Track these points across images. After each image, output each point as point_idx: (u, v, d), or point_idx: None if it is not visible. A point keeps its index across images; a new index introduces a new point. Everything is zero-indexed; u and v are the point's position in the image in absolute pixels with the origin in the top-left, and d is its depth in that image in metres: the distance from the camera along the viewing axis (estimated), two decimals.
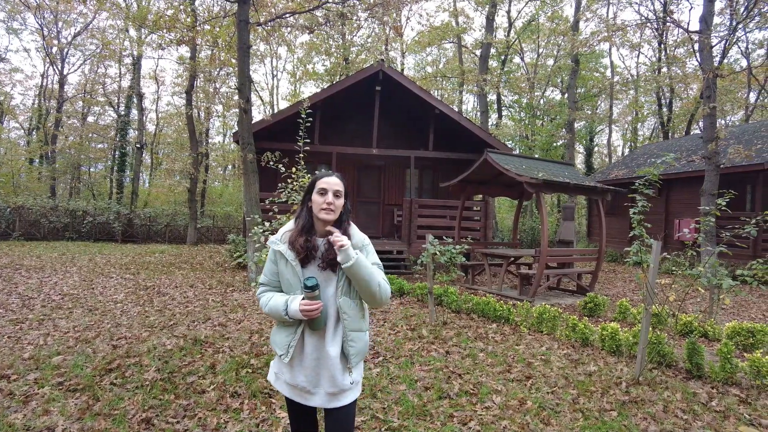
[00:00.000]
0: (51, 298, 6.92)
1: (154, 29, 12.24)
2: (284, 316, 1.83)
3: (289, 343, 1.88)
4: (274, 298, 1.90)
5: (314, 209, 1.90)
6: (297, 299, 1.81)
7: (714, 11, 12.03)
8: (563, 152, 23.17)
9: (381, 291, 1.87)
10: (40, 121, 26.13)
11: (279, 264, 1.93)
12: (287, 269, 1.89)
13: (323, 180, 1.92)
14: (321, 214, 1.88)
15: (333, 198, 1.88)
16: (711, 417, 3.41)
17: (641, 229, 4.37)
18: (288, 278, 1.90)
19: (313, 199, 1.91)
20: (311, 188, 1.94)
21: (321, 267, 1.88)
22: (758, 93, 23.77)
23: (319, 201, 1.88)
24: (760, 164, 12.14)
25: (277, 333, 1.95)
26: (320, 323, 1.83)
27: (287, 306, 1.82)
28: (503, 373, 4.24)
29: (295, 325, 1.88)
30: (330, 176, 1.94)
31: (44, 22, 24.21)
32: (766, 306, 8.45)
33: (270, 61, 31.20)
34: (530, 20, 26.50)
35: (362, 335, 1.95)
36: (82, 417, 3.11)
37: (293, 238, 1.89)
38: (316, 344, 1.87)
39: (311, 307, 1.76)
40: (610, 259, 16.12)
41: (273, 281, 1.97)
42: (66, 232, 17.86)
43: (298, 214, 1.98)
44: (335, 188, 1.90)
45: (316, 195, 1.90)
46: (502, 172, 8.33)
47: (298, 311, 1.78)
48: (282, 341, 1.90)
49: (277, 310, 1.85)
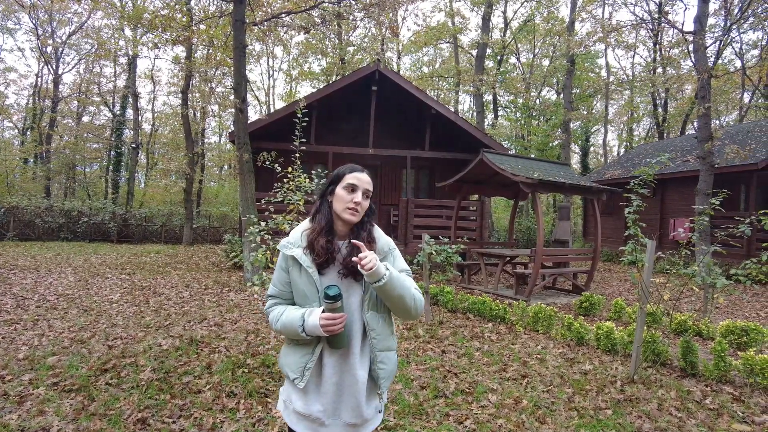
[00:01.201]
0: (46, 298, 6.89)
1: (150, 29, 12.18)
2: (301, 333, 1.54)
3: (305, 364, 1.59)
4: (287, 311, 1.61)
5: (336, 206, 1.63)
6: (316, 312, 1.52)
7: (708, 12, 12.11)
8: (559, 152, 23.24)
9: (416, 305, 1.61)
10: (35, 120, 26.00)
11: (292, 272, 1.64)
12: (302, 277, 1.61)
13: (354, 175, 1.64)
14: (345, 214, 1.61)
15: (362, 198, 1.62)
16: (705, 415, 3.43)
17: (636, 229, 4.40)
18: (302, 288, 1.61)
19: (337, 194, 1.63)
20: (336, 181, 1.66)
21: (342, 274, 1.60)
22: (752, 93, 23.93)
23: (346, 198, 1.60)
24: (753, 164, 12.21)
25: (290, 353, 1.65)
26: (343, 341, 1.56)
27: (304, 320, 1.53)
28: (499, 372, 4.26)
29: (313, 344, 1.60)
30: (362, 172, 1.66)
31: (39, 22, 24.12)
32: (760, 305, 8.51)
33: (266, 60, 31.19)
34: (526, 21, 26.58)
35: (392, 355, 1.69)
36: (78, 417, 3.10)
37: (313, 238, 1.61)
38: (337, 366, 1.59)
39: (334, 321, 1.49)
40: (606, 259, 16.19)
41: (284, 292, 1.68)
42: (61, 233, 17.77)
43: (316, 210, 1.69)
44: (366, 187, 1.64)
45: (341, 190, 1.62)
46: (498, 172, 8.35)
47: (317, 326, 1.49)
48: (296, 363, 1.61)
49: (293, 325, 1.55)
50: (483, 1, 20.50)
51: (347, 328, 1.57)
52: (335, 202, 1.63)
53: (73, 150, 25.72)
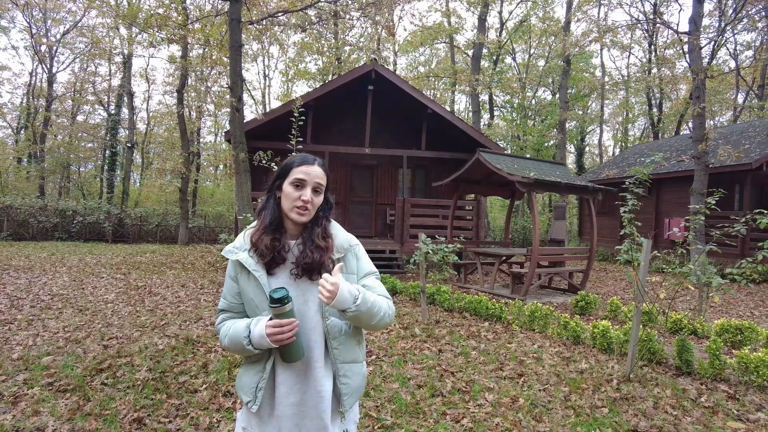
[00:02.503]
0: (40, 298, 6.84)
1: (145, 27, 12.13)
2: (247, 346, 1.32)
3: (257, 384, 1.38)
4: (234, 325, 1.39)
5: (284, 204, 1.42)
6: (263, 320, 1.31)
7: (703, 13, 12.17)
8: (555, 152, 23.32)
9: (385, 319, 1.42)
10: (29, 119, 25.83)
11: (240, 280, 1.43)
12: (249, 284, 1.40)
13: (302, 168, 1.41)
14: (293, 213, 1.40)
15: (312, 195, 1.40)
16: (700, 413, 3.45)
17: (632, 228, 4.42)
18: (251, 297, 1.39)
19: (284, 190, 1.42)
20: (283, 175, 1.44)
21: (295, 275, 1.40)
22: (746, 94, 24.09)
23: (293, 195, 1.39)
24: (747, 164, 12.29)
25: (244, 374, 1.44)
26: (297, 352, 1.33)
27: (250, 330, 1.32)
28: (495, 370, 4.26)
29: (264, 359, 1.39)
30: (312, 164, 1.43)
31: (33, 20, 23.97)
32: (754, 304, 8.56)
33: (262, 60, 31.13)
34: (522, 21, 26.64)
35: (358, 367, 1.48)
36: (73, 417, 3.08)
37: (257, 237, 1.41)
38: (296, 383, 1.38)
39: (282, 329, 1.26)
40: (601, 258, 16.25)
41: (235, 305, 1.45)
42: (55, 232, 17.67)
43: (263, 207, 1.49)
44: (316, 181, 1.42)
45: (288, 186, 1.41)
46: (494, 171, 8.37)
47: (264, 336, 1.28)
48: (248, 384, 1.40)
49: (238, 338, 1.34)
50: (479, 1, 20.53)
51: (302, 336, 1.35)
52: (283, 199, 1.43)
53: (67, 149, 25.58)
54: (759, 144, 13.36)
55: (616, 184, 15.93)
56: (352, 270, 1.48)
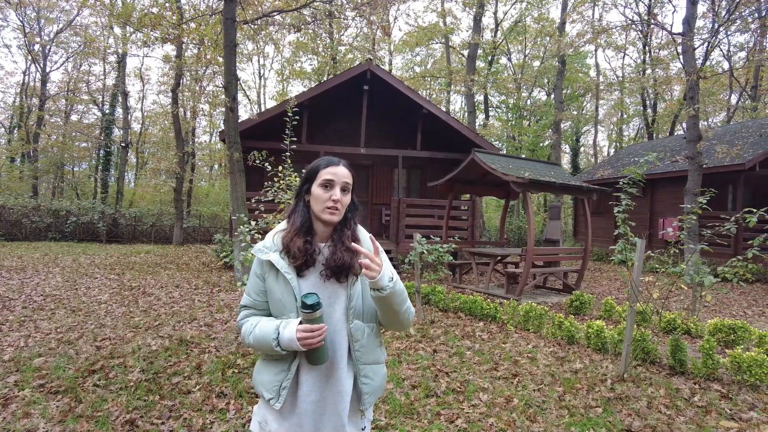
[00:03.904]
0: (32, 299, 6.79)
1: (139, 27, 12.07)
2: (275, 348, 1.37)
3: (281, 383, 1.42)
4: (260, 323, 1.43)
5: (314, 207, 1.47)
6: (293, 323, 1.36)
7: (697, 14, 12.24)
8: (550, 152, 23.39)
9: (410, 318, 1.50)
10: (22, 119, 25.64)
11: (267, 279, 1.47)
12: (278, 284, 1.44)
13: (329, 170, 1.47)
14: (325, 215, 1.45)
15: (340, 194, 1.46)
16: (693, 412, 3.46)
17: (626, 228, 4.43)
18: (279, 297, 1.44)
19: (313, 192, 1.47)
20: (311, 178, 1.50)
21: (324, 276, 1.45)
22: (739, 95, 24.22)
23: (323, 197, 1.45)
24: (740, 164, 12.36)
25: (264, 370, 1.48)
26: (323, 356, 1.37)
27: (279, 333, 1.36)
28: (490, 371, 4.27)
29: (289, 359, 1.43)
30: (337, 165, 1.49)
31: (26, 19, 23.80)
32: (747, 303, 8.62)
33: (257, 59, 31.06)
34: (517, 21, 26.70)
35: (379, 368, 1.54)
36: (64, 419, 3.06)
37: (288, 239, 1.46)
38: (318, 383, 1.43)
39: (312, 333, 1.32)
40: (596, 258, 16.31)
41: (259, 303, 1.50)
42: (49, 233, 17.54)
43: (292, 210, 1.54)
44: (344, 181, 1.47)
45: (318, 188, 1.46)
46: (489, 171, 8.38)
47: (294, 339, 1.32)
48: (270, 381, 1.44)
49: (266, 339, 1.38)
50: (474, 1, 20.56)
51: (329, 340, 1.40)
52: (313, 201, 1.48)
53: (61, 149, 25.39)
54: (752, 144, 13.44)
55: (610, 184, 16.00)
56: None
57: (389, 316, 1.46)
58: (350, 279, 1.46)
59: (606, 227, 17.07)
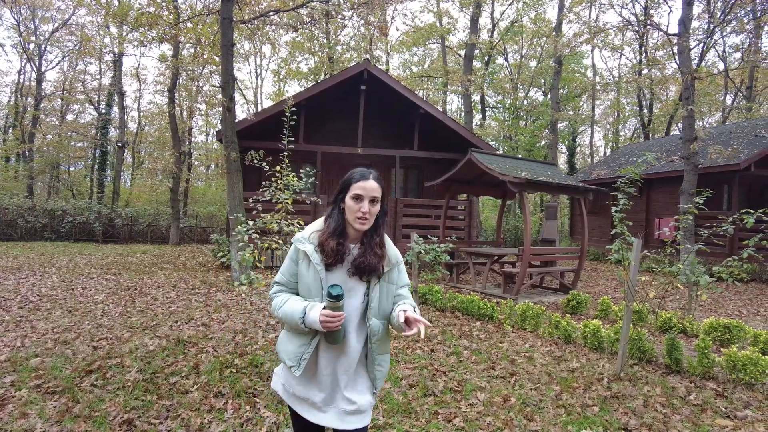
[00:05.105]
0: (28, 299, 6.76)
1: (135, 26, 12.01)
2: (300, 324, 1.63)
3: (302, 354, 1.69)
4: (290, 301, 1.71)
5: (348, 216, 1.70)
6: (317, 307, 1.61)
7: (692, 15, 12.30)
8: (546, 152, 23.44)
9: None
10: (17, 118, 25.51)
11: (301, 265, 1.73)
12: (309, 272, 1.70)
13: (359, 185, 1.68)
14: (356, 224, 1.68)
15: (369, 206, 1.68)
16: (689, 410, 3.48)
17: (623, 227, 4.45)
18: (308, 282, 1.70)
19: (346, 203, 1.70)
20: (345, 189, 1.72)
21: (350, 272, 1.70)
22: (734, 95, 24.36)
23: (354, 208, 1.67)
24: (736, 164, 12.42)
25: (288, 341, 1.75)
26: (338, 338, 1.65)
27: (305, 313, 1.62)
28: (487, 370, 4.28)
29: (310, 336, 1.69)
30: (366, 179, 1.70)
31: (21, 18, 23.67)
32: (742, 303, 8.66)
33: (254, 59, 30.96)
34: (513, 22, 26.74)
35: (388, 357, 1.83)
36: (62, 419, 3.05)
37: (324, 239, 1.70)
38: (332, 360, 1.70)
39: (333, 318, 1.57)
40: (593, 258, 16.36)
41: (291, 282, 1.78)
42: (44, 233, 17.47)
43: (329, 215, 1.78)
44: (372, 195, 1.68)
45: (349, 200, 1.69)
46: (486, 171, 8.40)
47: (316, 321, 1.58)
48: (293, 352, 1.71)
49: (293, 316, 1.65)
50: (471, 1, 20.58)
51: (344, 326, 1.65)
52: (346, 210, 1.71)
53: (56, 149, 25.28)
54: (747, 145, 13.51)
55: (607, 184, 16.06)
56: (393, 281, 1.79)
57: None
58: (372, 281, 1.72)
59: (602, 227, 17.13)
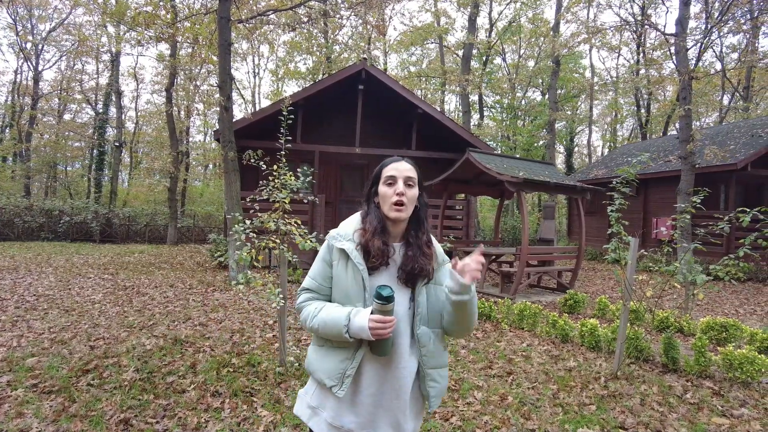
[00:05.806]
0: (25, 299, 6.74)
1: (133, 26, 11.99)
2: (344, 334, 1.36)
3: (345, 371, 1.41)
4: (326, 308, 1.45)
5: (383, 207, 1.49)
6: (364, 312, 1.36)
7: (689, 15, 12.33)
8: (544, 152, 23.47)
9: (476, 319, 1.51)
10: (14, 118, 25.44)
11: (337, 266, 1.48)
12: (348, 273, 1.45)
13: (391, 166, 1.51)
14: (392, 212, 1.46)
15: (404, 187, 1.46)
16: (686, 409, 3.49)
17: (619, 227, 4.45)
18: (346, 286, 1.45)
19: (380, 192, 1.50)
20: (377, 179, 1.54)
21: (399, 278, 1.46)
22: (732, 95, 24.43)
23: (388, 193, 1.47)
24: (733, 164, 12.46)
25: (325, 356, 1.47)
26: (387, 347, 1.39)
27: (350, 320, 1.36)
28: (485, 369, 4.28)
29: (354, 348, 1.42)
30: (398, 161, 1.52)
31: (18, 17, 23.61)
32: (739, 302, 8.69)
33: (252, 59, 30.96)
34: (511, 21, 26.78)
35: (445, 371, 1.55)
36: (58, 419, 3.04)
37: (367, 239, 1.45)
38: (377, 376, 1.43)
39: (384, 324, 1.32)
40: (590, 257, 16.38)
41: (323, 288, 1.52)
42: (41, 232, 17.42)
43: (365, 213, 1.54)
44: (406, 175, 1.48)
45: (383, 187, 1.49)
46: (484, 171, 8.40)
47: (365, 328, 1.32)
48: (333, 368, 1.43)
49: (336, 324, 1.38)
50: (469, 1, 20.60)
51: (393, 335, 1.40)
52: (381, 202, 1.50)
53: (54, 148, 25.24)
54: (744, 144, 13.56)
55: (604, 183, 16.07)
56: (440, 282, 1.52)
57: (462, 322, 1.46)
58: (418, 286, 1.47)
59: (600, 227, 17.15)
